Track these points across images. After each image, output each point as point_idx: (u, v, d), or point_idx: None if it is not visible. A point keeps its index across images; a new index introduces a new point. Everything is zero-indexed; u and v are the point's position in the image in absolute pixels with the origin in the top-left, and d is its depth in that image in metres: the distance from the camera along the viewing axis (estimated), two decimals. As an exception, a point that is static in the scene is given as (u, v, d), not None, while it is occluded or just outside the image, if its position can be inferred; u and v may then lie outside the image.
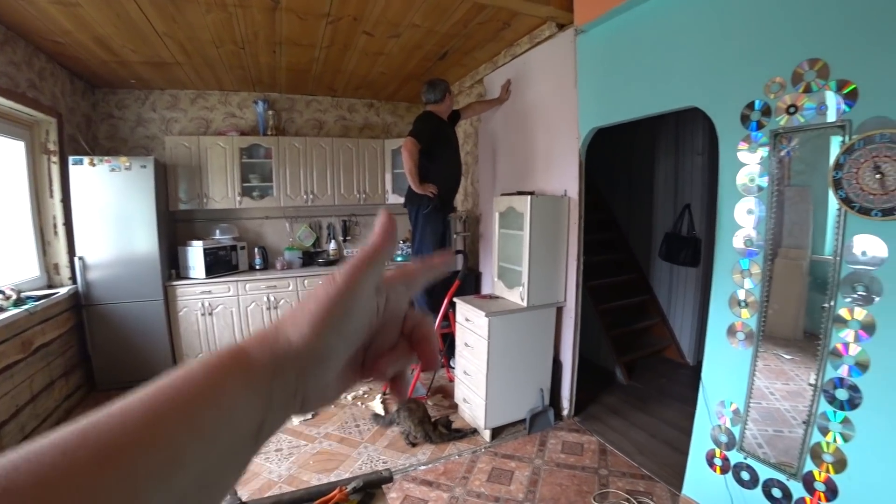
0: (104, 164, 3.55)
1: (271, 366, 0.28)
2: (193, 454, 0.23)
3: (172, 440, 0.22)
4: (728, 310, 2.04)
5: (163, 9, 2.67)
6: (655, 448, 2.82)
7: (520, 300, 3.00)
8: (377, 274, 0.33)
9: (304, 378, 0.30)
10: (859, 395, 1.58)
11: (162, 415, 0.22)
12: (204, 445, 0.23)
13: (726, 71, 2.00)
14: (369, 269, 0.32)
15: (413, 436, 2.86)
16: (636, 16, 2.46)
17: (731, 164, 2.00)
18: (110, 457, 0.20)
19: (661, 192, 4.45)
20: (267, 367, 0.28)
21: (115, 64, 3.58)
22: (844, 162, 1.57)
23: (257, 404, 0.27)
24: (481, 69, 4.06)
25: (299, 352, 0.29)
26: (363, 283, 0.32)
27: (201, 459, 0.23)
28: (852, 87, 1.56)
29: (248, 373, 0.27)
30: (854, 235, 1.57)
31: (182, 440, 0.22)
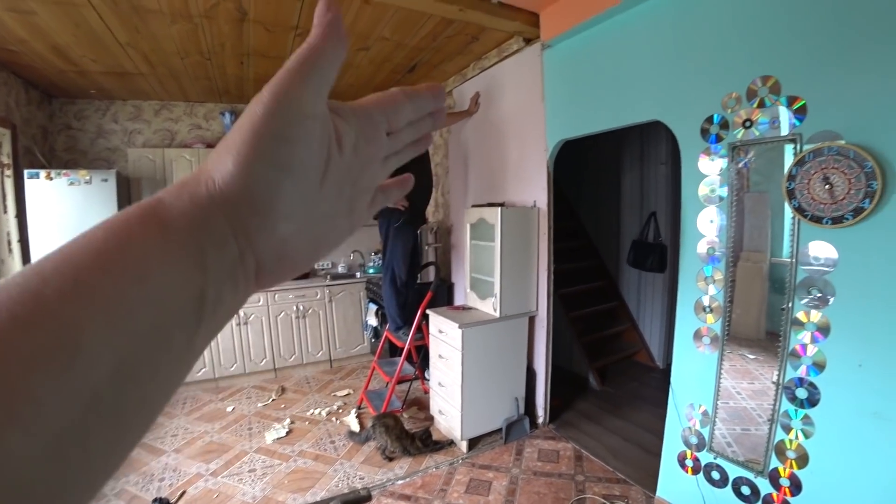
0: (62, 178, 3.42)
1: (194, 216, 0.22)
2: (98, 335, 0.17)
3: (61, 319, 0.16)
4: (694, 315, 2.11)
5: (126, 19, 2.60)
6: (629, 452, 2.87)
7: (492, 311, 3.03)
8: (322, 82, 0.25)
9: (247, 231, 0.23)
10: (818, 393, 1.66)
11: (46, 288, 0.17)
12: (110, 324, 0.18)
13: (686, 87, 2.09)
14: (309, 75, 0.24)
15: (390, 450, 2.83)
16: (600, 33, 2.54)
17: (692, 176, 2.08)
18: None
19: (627, 200, 4.58)
20: (188, 218, 0.21)
21: (73, 74, 3.46)
22: (796, 173, 1.65)
23: (183, 268, 0.20)
24: (450, 81, 4.11)
25: (227, 195, 0.22)
26: (302, 95, 0.24)
27: (111, 342, 0.17)
28: (802, 102, 1.66)
29: (163, 228, 0.21)
30: (808, 242, 1.66)
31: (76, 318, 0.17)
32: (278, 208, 0.24)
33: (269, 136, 0.23)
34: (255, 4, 2.54)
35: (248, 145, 0.23)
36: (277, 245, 0.25)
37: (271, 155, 0.23)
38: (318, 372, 4.47)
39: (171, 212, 0.21)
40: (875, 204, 1.47)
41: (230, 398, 3.85)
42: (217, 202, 0.22)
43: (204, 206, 0.22)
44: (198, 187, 0.22)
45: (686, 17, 2.08)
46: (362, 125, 0.29)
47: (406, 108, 0.31)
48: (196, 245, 0.21)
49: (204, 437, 3.16)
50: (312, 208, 0.26)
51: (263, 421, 3.42)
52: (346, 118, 0.28)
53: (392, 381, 3.30)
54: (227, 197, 0.22)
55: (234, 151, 0.23)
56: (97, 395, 0.17)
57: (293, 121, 0.24)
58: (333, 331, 4.55)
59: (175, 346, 0.20)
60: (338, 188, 0.28)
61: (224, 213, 0.22)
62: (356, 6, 2.61)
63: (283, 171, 0.24)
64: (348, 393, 3.91)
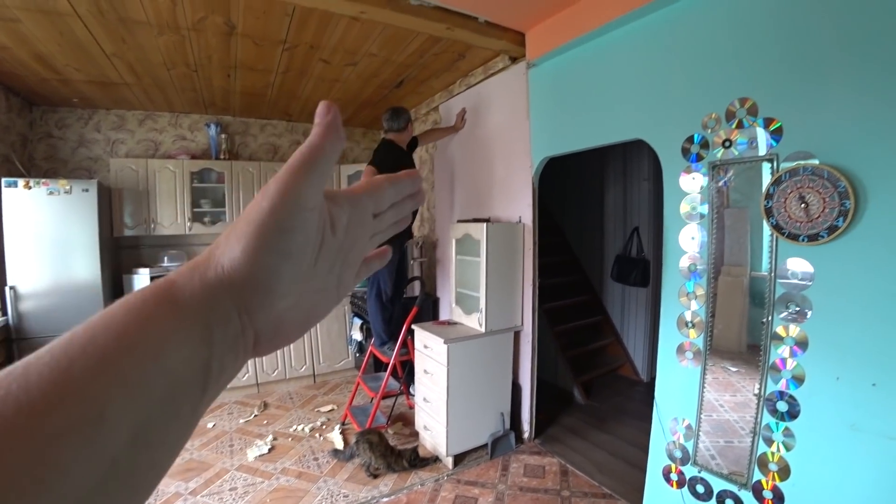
0: (41, 187, 3.34)
1: (203, 297, 0.24)
2: (118, 409, 0.19)
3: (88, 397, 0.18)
4: (677, 330, 2.14)
5: (112, 30, 2.59)
6: (615, 466, 2.88)
7: (478, 326, 3.03)
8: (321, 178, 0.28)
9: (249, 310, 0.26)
10: (798, 405, 1.70)
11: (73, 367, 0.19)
12: (131, 398, 0.20)
13: (667, 107, 2.15)
14: (309, 173, 0.27)
15: (374, 467, 2.79)
16: (583, 53, 2.61)
17: (674, 193, 2.13)
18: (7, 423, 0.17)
19: (611, 215, 4.65)
20: (198, 299, 0.24)
21: (56, 82, 3.41)
22: (774, 192, 1.71)
23: (193, 344, 0.23)
24: (437, 97, 4.15)
25: (233, 278, 0.25)
26: (303, 191, 0.27)
27: (130, 413, 0.19)
28: (778, 124, 1.72)
29: (176, 308, 0.23)
30: (786, 258, 1.71)
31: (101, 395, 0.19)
32: (278, 289, 0.27)
33: (274, 228, 0.26)
34: (243, 19, 2.55)
35: (255, 236, 0.26)
36: (275, 320, 0.27)
37: (275, 245, 0.26)
38: (302, 387, 4.40)
39: (184, 293, 0.24)
40: (848, 222, 1.53)
41: (211, 414, 3.76)
42: (225, 285, 0.25)
43: (213, 289, 0.24)
44: (207, 271, 0.25)
45: (667, 40, 2.15)
46: (354, 210, 0.32)
47: (389, 193, 0.35)
48: (204, 323, 0.24)
49: (183, 455, 3.08)
50: (306, 285, 0.29)
51: (245, 437, 3.35)
52: (341, 204, 0.31)
53: (377, 397, 3.27)
54: (234, 280, 0.25)
55: (244, 241, 0.26)
56: (115, 460, 0.19)
57: (295, 214, 0.27)
58: (317, 345, 4.49)
59: (183, 413, 0.23)
60: (329, 265, 0.31)
61: (230, 295, 0.25)
62: (345, 23, 2.63)
63: (283, 258, 0.27)
64: (332, 408, 3.86)
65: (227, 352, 0.25)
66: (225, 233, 0.27)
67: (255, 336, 0.27)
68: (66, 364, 0.19)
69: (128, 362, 0.20)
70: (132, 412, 0.20)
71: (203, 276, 0.25)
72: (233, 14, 2.49)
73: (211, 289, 0.24)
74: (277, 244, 0.26)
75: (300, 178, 0.27)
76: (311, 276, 0.29)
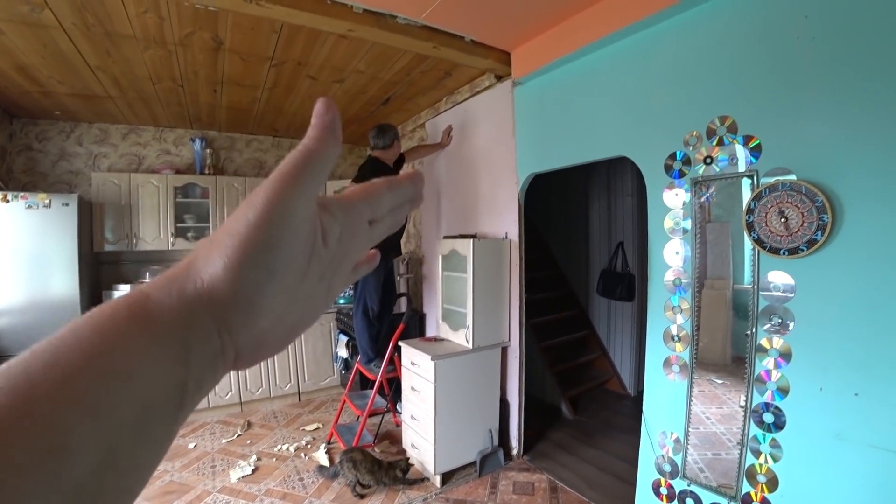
0: (20, 201, 3.27)
1: (180, 314, 0.22)
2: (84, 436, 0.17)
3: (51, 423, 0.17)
4: (663, 344, 2.16)
5: (97, 43, 2.57)
6: (604, 481, 2.86)
7: (465, 342, 3.02)
8: (314, 186, 0.25)
9: (230, 327, 0.24)
10: (783, 416, 1.72)
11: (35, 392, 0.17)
12: (97, 423, 0.18)
13: (650, 125, 2.21)
14: (302, 181, 0.25)
15: (362, 486, 2.73)
16: (568, 72, 2.67)
17: (658, 209, 2.17)
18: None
19: (595, 230, 4.71)
20: (174, 316, 0.22)
21: (38, 94, 3.36)
22: (755, 207, 1.75)
23: (168, 364, 0.21)
24: (423, 114, 4.19)
25: (213, 295, 0.23)
26: (294, 202, 0.24)
27: (96, 440, 0.18)
28: (757, 141, 1.77)
29: (150, 325, 0.21)
30: (768, 271, 1.75)
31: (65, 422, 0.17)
32: (261, 306, 0.25)
33: (260, 243, 0.24)
34: (231, 35, 2.56)
35: (239, 251, 0.23)
36: (257, 336, 0.25)
37: (260, 261, 0.24)
38: (286, 405, 4.31)
39: (160, 308, 0.22)
40: (827, 236, 1.57)
41: (192, 434, 3.66)
42: (204, 301, 0.23)
43: (191, 304, 0.22)
44: (186, 284, 0.23)
45: (649, 60, 2.21)
46: (348, 219, 0.29)
47: (388, 198, 0.32)
48: (181, 342, 0.22)
49: (163, 477, 2.97)
50: (293, 299, 0.27)
51: (228, 458, 3.26)
52: (334, 214, 0.28)
53: (363, 415, 3.22)
54: (214, 297, 0.23)
55: (225, 256, 0.23)
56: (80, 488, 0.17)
57: (284, 227, 0.24)
58: (302, 363, 4.42)
59: (155, 433, 0.21)
60: (319, 277, 0.28)
61: (209, 312, 0.23)
62: (332, 40, 2.66)
63: (269, 274, 0.24)
64: (318, 427, 3.78)
65: (205, 371, 0.23)
66: (205, 243, 0.24)
67: (236, 354, 0.25)
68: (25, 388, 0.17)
69: (95, 385, 0.18)
70: (99, 438, 0.18)
71: (181, 291, 0.23)
72: (220, 30, 2.50)
73: (189, 305, 0.22)
74: (263, 260, 0.24)
75: (291, 188, 0.24)
76: (299, 290, 0.27)
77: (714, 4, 1.93)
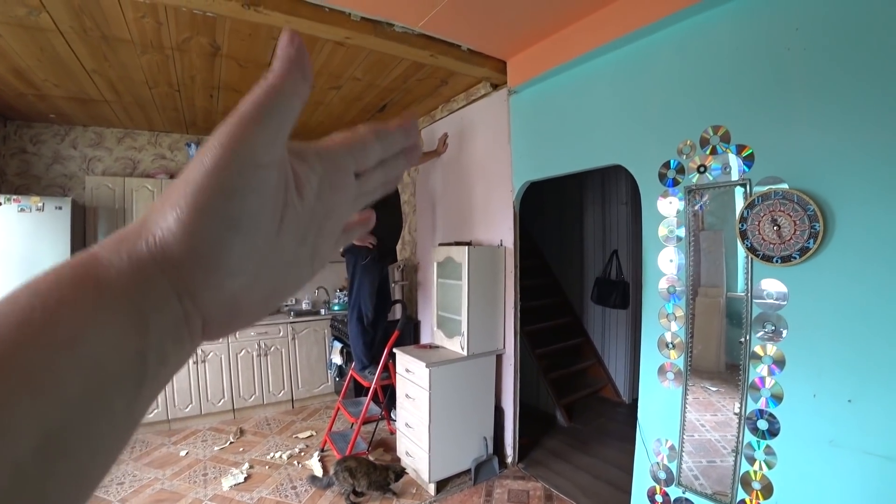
0: (12, 204, 3.24)
1: (132, 275, 0.20)
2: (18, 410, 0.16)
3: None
4: (657, 352, 2.17)
5: (94, 47, 2.57)
6: (600, 489, 2.85)
7: (460, 349, 3.02)
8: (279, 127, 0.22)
9: (191, 291, 0.21)
10: (777, 423, 1.72)
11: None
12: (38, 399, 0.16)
13: (644, 133, 2.23)
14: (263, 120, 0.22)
15: (356, 494, 2.70)
16: (563, 81, 2.69)
17: (652, 217, 2.19)
18: None
19: (590, 238, 4.73)
20: (125, 278, 0.19)
21: (33, 97, 3.35)
22: (748, 216, 1.77)
23: (119, 332, 0.19)
24: (419, 122, 4.21)
25: (168, 253, 0.20)
26: (255, 143, 0.21)
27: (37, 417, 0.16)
28: (749, 150, 1.80)
29: (98, 288, 0.19)
30: (761, 279, 1.76)
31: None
32: (226, 265, 0.22)
33: (217, 190, 0.21)
34: (228, 40, 2.57)
35: (193, 201, 0.21)
36: (227, 301, 0.23)
37: (218, 211, 0.21)
38: (280, 413, 4.28)
39: (108, 272, 0.19)
40: (818, 244, 1.59)
41: (184, 441, 3.62)
42: (158, 261, 0.20)
43: (143, 266, 0.20)
44: (137, 244, 0.20)
45: (643, 70, 2.24)
46: (328, 170, 0.26)
47: (375, 147, 0.29)
48: (134, 307, 0.19)
49: (154, 485, 2.93)
50: (267, 260, 0.24)
51: (220, 466, 3.22)
52: (309, 162, 0.25)
53: (357, 422, 3.20)
54: (169, 256, 0.20)
55: (178, 207, 0.21)
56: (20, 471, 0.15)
57: (243, 172, 0.21)
58: (296, 369, 4.39)
59: (113, 412, 0.19)
60: (300, 236, 0.25)
61: (165, 273, 0.20)
62: (329, 47, 2.67)
63: (231, 228, 0.22)
64: (311, 435, 3.75)
65: (166, 340, 0.21)
66: (161, 196, 0.22)
67: (203, 321, 0.22)
68: None
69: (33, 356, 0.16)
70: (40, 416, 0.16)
71: (132, 250, 0.20)
72: (218, 36, 2.51)
73: (141, 266, 0.20)
74: (222, 210, 0.21)
75: (252, 127, 0.21)
76: (275, 249, 0.24)
77: (707, 16, 1.96)
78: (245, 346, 4.12)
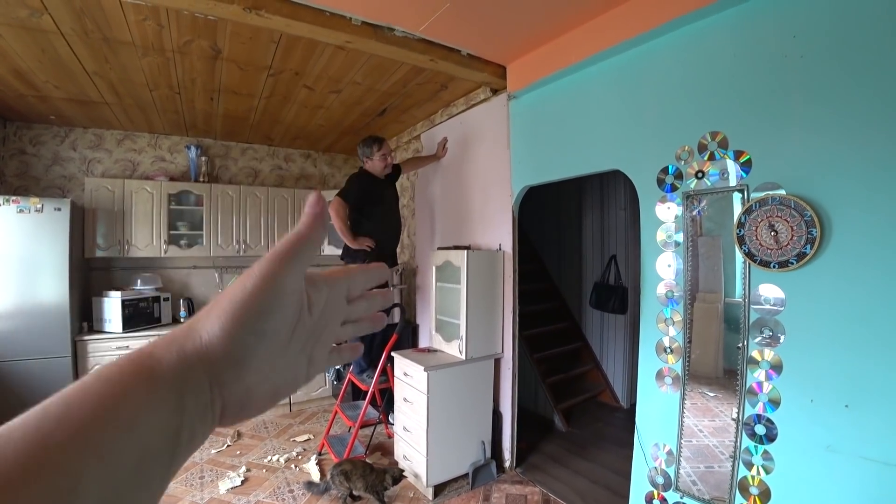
0: (11, 205, 3.24)
1: (179, 368, 0.25)
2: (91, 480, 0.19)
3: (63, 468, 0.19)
4: (656, 356, 2.17)
5: (96, 49, 2.58)
6: (597, 494, 2.85)
7: (458, 353, 3.01)
8: (303, 264, 0.30)
9: (220, 384, 0.27)
10: (775, 428, 1.73)
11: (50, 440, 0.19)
12: (104, 468, 0.20)
13: (643, 139, 2.24)
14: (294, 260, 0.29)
15: (353, 498, 2.68)
16: (562, 86, 2.71)
17: (650, 222, 2.19)
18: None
19: (588, 243, 4.74)
20: (174, 370, 0.25)
21: (33, 98, 3.35)
22: (745, 221, 1.78)
23: (165, 415, 0.23)
24: (419, 126, 4.22)
25: (210, 352, 0.26)
26: (286, 277, 0.28)
27: (101, 483, 0.20)
28: (747, 156, 1.81)
29: (152, 379, 0.24)
30: (759, 284, 1.77)
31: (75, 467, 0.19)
32: (249, 365, 0.28)
33: (255, 309, 0.27)
34: (229, 44, 2.58)
35: (236, 315, 0.27)
36: (244, 393, 0.28)
37: (254, 325, 0.27)
38: (277, 416, 4.27)
39: (161, 365, 0.24)
40: (815, 249, 1.60)
41: (179, 445, 3.60)
42: (202, 356, 0.26)
43: (189, 360, 0.26)
44: (186, 343, 0.26)
45: (642, 76, 2.26)
46: (331, 292, 0.34)
47: (360, 279, 0.38)
48: (178, 393, 0.24)
49: (148, 488, 2.91)
50: (277, 362, 0.30)
51: (217, 469, 3.21)
52: (319, 287, 0.33)
53: (355, 426, 3.19)
54: (210, 354, 0.26)
55: (224, 318, 0.27)
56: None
57: (276, 297, 0.28)
58: (294, 372, 4.37)
59: (151, 476, 0.23)
60: (301, 344, 0.32)
61: (205, 367, 0.26)
62: (330, 51, 2.68)
63: (260, 337, 0.28)
64: (308, 438, 3.74)
65: (196, 420, 0.25)
66: (207, 308, 0.28)
67: (222, 407, 0.27)
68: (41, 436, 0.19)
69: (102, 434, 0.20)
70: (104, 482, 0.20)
71: (181, 349, 0.26)
72: (219, 39, 2.52)
73: (188, 360, 0.25)
74: (256, 324, 0.28)
75: (284, 264, 0.28)
76: (283, 354, 0.30)
77: (706, 23, 1.97)
78: (243, 349, 4.11)
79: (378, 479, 2.68)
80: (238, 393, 0.28)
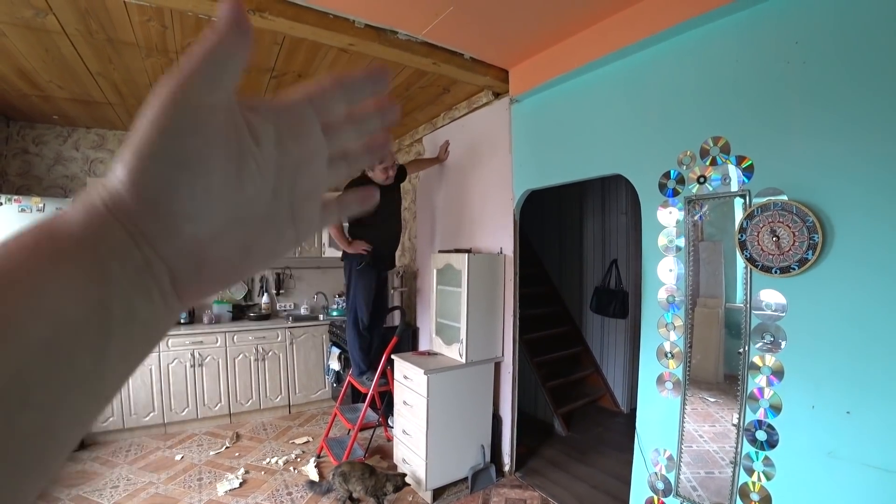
0: (13, 204, 3.25)
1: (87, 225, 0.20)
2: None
3: None
4: (656, 361, 2.17)
5: (99, 49, 2.59)
6: (597, 499, 2.83)
7: (458, 356, 3.01)
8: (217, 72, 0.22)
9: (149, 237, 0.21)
10: (776, 434, 1.72)
11: None
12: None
13: (645, 144, 2.24)
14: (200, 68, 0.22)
15: (352, 500, 2.67)
16: (565, 91, 2.71)
17: (652, 227, 2.19)
18: None
19: (589, 247, 4.74)
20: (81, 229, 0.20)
21: (37, 98, 3.36)
22: (747, 226, 1.78)
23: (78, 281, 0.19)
24: (421, 129, 4.23)
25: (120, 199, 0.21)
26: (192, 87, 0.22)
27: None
28: (749, 161, 1.81)
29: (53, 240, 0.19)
30: (760, 289, 1.76)
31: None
32: (179, 209, 0.22)
33: (159, 132, 0.21)
34: (234, 45, 2.58)
35: (137, 147, 0.21)
36: (191, 250, 0.23)
37: (162, 152, 0.21)
38: (276, 418, 4.26)
39: (67, 225, 0.20)
40: (817, 255, 1.59)
41: (179, 445, 3.60)
42: (111, 209, 0.21)
43: (98, 216, 0.21)
44: (93, 197, 0.21)
45: (644, 80, 2.26)
46: (282, 118, 0.26)
47: (338, 96, 0.28)
48: (92, 256, 0.20)
49: (148, 489, 2.91)
50: (233, 211, 0.24)
51: (215, 470, 3.20)
52: (262, 112, 0.26)
53: (354, 429, 3.18)
54: (120, 203, 0.21)
55: (127, 154, 0.21)
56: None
57: (185, 113, 0.22)
58: (293, 375, 4.37)
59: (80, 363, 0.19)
60: (269, 189, 0.26)
61: (119, 220, 0.21)
62: (333, 53, 2.69)
63: (177, 167, 0.22)
64: (307, 440, 3.73)
65: (131, 290, 0.21)
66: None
67: (169, 273, 0.22)
68: None
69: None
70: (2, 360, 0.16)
71: (87, 203, 0.21)
72: (223, 40, 2.52)
73: (96, 215, 0.20)
74: (166, 150, 0.21)
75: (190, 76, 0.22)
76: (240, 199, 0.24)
77: (708, 29, 1.98)
78: (243, 351, 4.11)
79: (379, 485, 2.67)
80: (183, 251, 0.22)
